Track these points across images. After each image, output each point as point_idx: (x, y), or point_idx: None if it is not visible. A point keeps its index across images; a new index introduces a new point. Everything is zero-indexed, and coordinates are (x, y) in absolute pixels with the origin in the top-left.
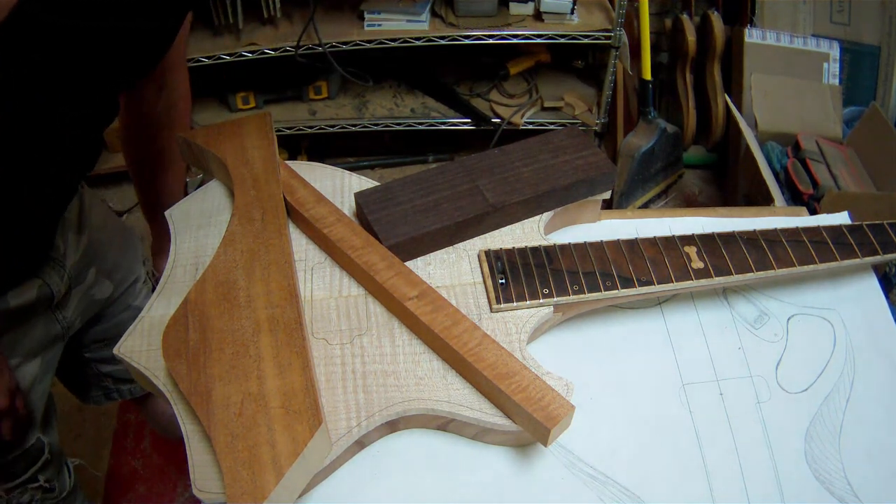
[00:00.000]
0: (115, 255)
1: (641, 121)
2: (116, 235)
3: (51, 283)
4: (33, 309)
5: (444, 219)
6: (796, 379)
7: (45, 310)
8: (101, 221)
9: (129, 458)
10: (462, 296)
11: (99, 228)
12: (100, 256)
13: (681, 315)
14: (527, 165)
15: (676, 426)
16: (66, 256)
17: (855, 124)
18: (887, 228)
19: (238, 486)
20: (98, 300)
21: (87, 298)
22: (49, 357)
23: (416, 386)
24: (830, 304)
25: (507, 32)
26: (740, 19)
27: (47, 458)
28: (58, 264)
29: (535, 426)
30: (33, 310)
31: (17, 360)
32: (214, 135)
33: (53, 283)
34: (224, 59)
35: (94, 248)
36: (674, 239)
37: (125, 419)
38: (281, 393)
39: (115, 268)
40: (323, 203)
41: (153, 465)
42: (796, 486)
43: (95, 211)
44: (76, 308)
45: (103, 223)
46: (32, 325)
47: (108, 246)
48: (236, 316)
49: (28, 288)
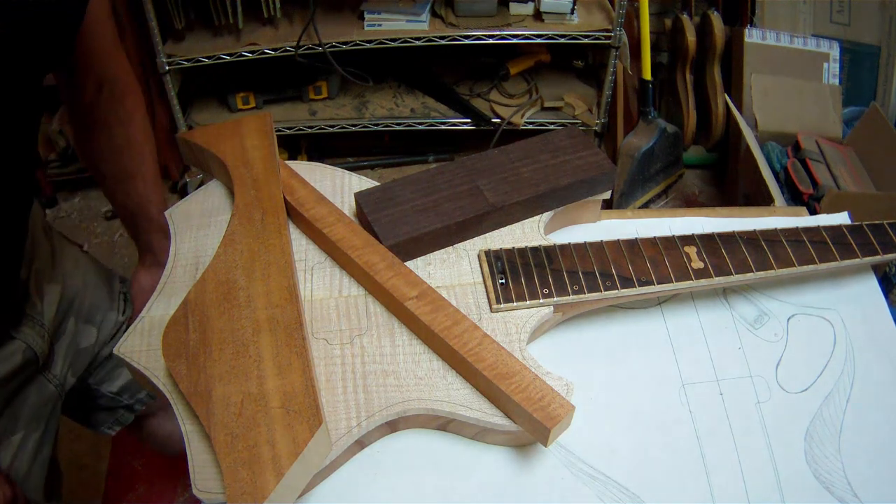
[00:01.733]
0: (92, 297)
1: (641, 121)
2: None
3: (33, 344)
4: (22, 375)
5: (444, 219)
6: (796, 379)
7: (33, 374)
8: (72, 265)
9: (129, 458)
10: (462, 296)
11: (71, 273)
12: (77, 303)
13: (681, 315)
14: (527, 165)
15: (676, 426)
16: (44, 312)
17: (855, 124)
18: (887, 228)
19: (238, 486)
20: (85, 349)
21: (73, 349)
22: (50, 422)
23: (416, 386)
24: (830, 304)
25: (507, 32)
26: (740, 19)
27: None
28: (36, 323)
29: (534, 426)
30: (22, 376)
31: (19, 434)
32: (214, 135)
33: (35, 343)
34: (224, 59)
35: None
36: (674, 239)
37: None
38: (281, 393)
39: (93, 310)
40: (323, 203)
41: (153, 465)
42: (796, 486)
43: (66, 255)
44: (63, 363)
45: (75, 266)
46: (26, 393)
47: (84, 289)
48: (236, 316)
49: (11, 353)
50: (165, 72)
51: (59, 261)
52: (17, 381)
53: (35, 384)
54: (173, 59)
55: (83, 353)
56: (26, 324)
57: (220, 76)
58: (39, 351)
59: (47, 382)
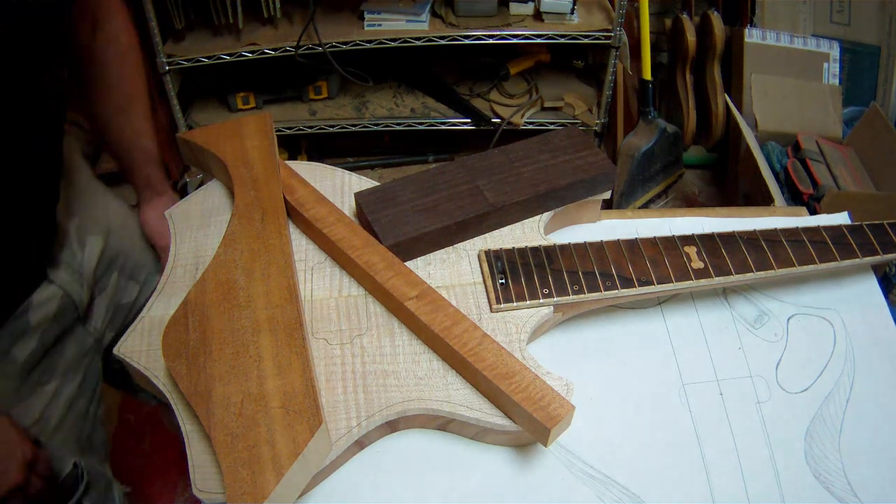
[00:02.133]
0: (139, 257)
1: (641, 121)
2: (138, 238)
3: (71, 291)
4: (59, 325)
5: (444, 219)
6: (796, 379)
7: (72, 324)
8: (120, 223)
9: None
10: (462, 296)
11: (118, 231)
12: (121, 259)
13: (681, 315)
14: (527, 165)
15: (676, 426)
16: (84, 262)
17: (855, 124)
18: (887, 228)
19: (238, 486)
20: (125, 304)
21: (114, 305)
22: (88, 374)
23: (416, 386)
24: (830, 304)
25: (507, 32)
26: (740, 19)
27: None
28: (75, 271)
29: (535, 426)
30: (59, 326)
31: (53, 384)
32: (214, 135)
33: (73, 291)
34: (224, 59)
35: (114, 250)
36: (674, 239)
37: (125, 419)
38: (281, 393)
39: (138, 269)
40: (323, 203)
41: (153, 465)
42: (796, 486)
43: (113, 212)
44: (104, 317)
45: (123, 225)
46: (63, 344)
47: (130, 248)
48: (236, 316)
49: (47, 299)
50: (165, 72)
51: (104, 216)
52: (55, 330)
53: (73, 336)
54: (173, 58)
55: (123, 308)
56: (64, 270)
57: (220, 76)
58: (78, 300)
59: (87, 335)
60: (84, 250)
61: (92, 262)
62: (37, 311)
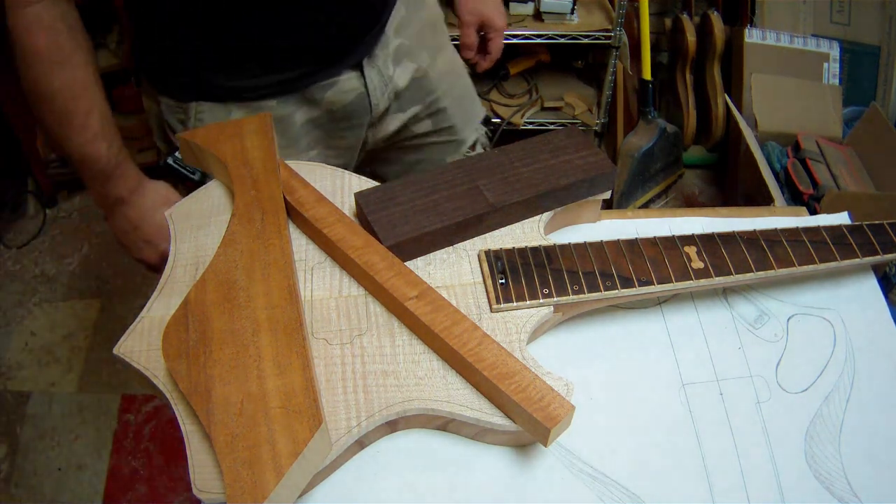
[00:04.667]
0: (451, 109)
1: (641, 121)
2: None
3: (372, 92)
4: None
5: (444, 219)
6: (796, 379)
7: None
8: (447, 67)
9: (129, 458)
10: (462, 296)
11: (444, 74)
12: (432, 99)
13: (681, 315)
14: (527, 165)
15: (676, 426)
16: (394, 78)
17: (855, 124)
18: (887, 228)
19: (238, 486)
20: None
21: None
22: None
23: (416, 386)
24: (830, 304)
25: (507, 32)
26: (740, 19)
27: None
28: (384, 82)
29: (534, 426)
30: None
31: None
32: (214, 135)
33: (374, 94)
34: None
35: (430, 86)
36: (674, 239)
37: (125, 419)
38: (281, 393)
39: (442, 119)
40: (323, 203)
41: (153, 465)
42: (796, 486)
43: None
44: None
45: (450, 69)
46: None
47: (446, 94)
48: (236, 316)
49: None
50: None
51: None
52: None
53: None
54: None
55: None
56: (376, 72)
57: None
58: (374, 103)
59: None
60: (396, 68)
61: (401, 83)
62: (335, 93)
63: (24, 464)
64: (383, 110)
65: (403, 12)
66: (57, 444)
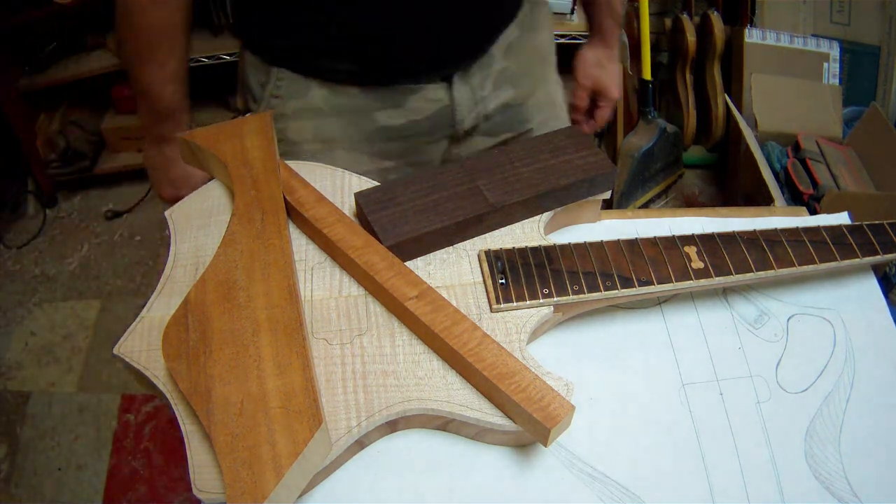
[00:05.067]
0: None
1: (641, 121)
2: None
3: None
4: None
5: (444, 219)
6: (796, 379)
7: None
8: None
9: (129, 458)
10: (462, 296)
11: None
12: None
13: (681, 315)
14: (527, 165)
15: (676, 426)
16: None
17: (855, 124)
18: (887, 228)
19: (238, 486)
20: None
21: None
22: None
23: (416, 386)
24: (830, 304)
25: None
26: (740, 19)
27: None
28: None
29: (534, 426)
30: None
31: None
32: (214, 135)
33: (460, 112)
34: (224, 59)
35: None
36: (674, 239)
37: (125, 419)
38: (281, 393)
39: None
40: (323, 203)
41: (153, 465)
42: (796, 486)
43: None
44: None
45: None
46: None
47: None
48: (236, 316)
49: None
50: None
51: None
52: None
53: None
54: None
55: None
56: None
57: (220, 76)
58: (459, 118)
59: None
60: (492, 90)
61: (494, 105)
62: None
63: (24, 464)
64: (469, 128)
65: (516, 34)
66: (57, 444)
